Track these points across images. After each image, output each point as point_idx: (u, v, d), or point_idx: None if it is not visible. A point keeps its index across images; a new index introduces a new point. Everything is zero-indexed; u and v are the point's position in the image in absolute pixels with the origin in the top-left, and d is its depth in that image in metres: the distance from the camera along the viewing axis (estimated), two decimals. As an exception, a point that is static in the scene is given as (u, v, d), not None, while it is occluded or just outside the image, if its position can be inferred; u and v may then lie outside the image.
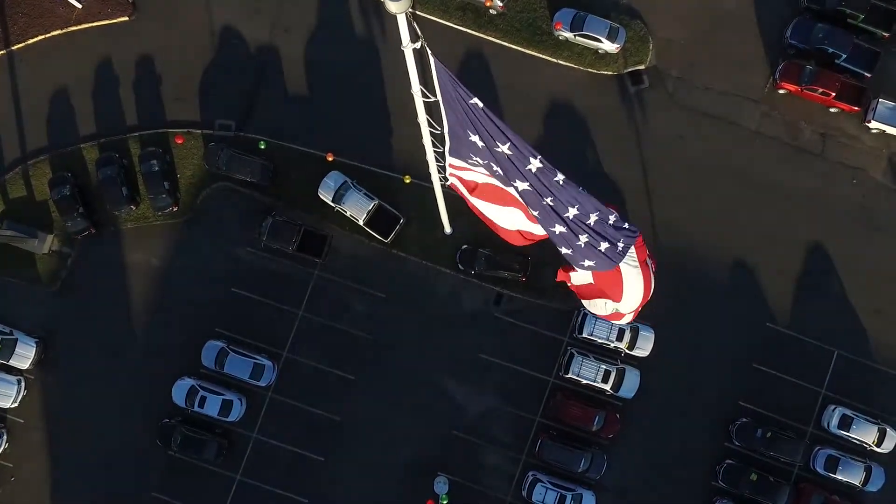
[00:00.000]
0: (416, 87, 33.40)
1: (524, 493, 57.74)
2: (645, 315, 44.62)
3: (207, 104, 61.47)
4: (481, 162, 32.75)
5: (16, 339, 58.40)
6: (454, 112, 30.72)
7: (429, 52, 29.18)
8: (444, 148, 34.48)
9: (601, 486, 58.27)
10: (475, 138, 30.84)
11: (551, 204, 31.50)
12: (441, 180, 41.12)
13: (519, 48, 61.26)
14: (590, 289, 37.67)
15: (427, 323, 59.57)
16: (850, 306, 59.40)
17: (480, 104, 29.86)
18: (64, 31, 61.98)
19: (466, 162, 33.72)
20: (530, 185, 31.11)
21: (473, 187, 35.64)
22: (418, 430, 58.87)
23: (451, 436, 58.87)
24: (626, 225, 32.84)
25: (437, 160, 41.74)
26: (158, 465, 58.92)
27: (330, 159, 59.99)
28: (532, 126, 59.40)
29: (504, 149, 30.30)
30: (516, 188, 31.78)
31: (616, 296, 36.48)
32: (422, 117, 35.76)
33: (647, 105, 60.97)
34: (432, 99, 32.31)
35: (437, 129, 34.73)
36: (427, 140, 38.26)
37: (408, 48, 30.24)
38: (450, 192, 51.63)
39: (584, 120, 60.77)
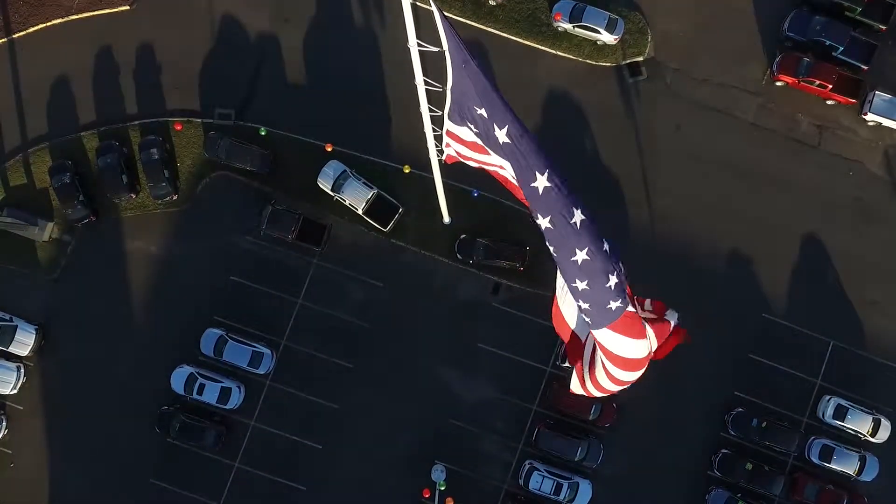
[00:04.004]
0: (412, 40, 32.17)
1: (521, 482, 58.07)
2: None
3: (207, 93, 61.63)
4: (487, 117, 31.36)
5: (15, 326, 58.56)
6: (457, 70, 29.64)
7: (434, 7, 28.07)
8: (443, 112, 32.92)
9: (598, 474, 58.59)
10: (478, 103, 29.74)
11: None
12: (438, 154, 40.45)
13: (518, 39, 61.50)
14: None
15: (425, 312, 59.83)
16: (846, 297, 59.73)
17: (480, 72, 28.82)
18: (65, 19, 62.12)
19: (466, 125, 32.62)
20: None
21: (472, 151, 34.33)
22: (416, 418, 59.14)
23: (449, 424, 59.15)
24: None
25: (435, 145, 41.86)
26: (157, 452, 59.13)
27: (329, 149, 60.21)
28: (530, 117, 59.58)
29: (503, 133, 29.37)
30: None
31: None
32: (419, 77, 34.40)
33: (645, 96, 61.23)
34: (434, 49, 30.96)
35: (437, 87, 33.31)
36: (424, 106, 36.67)
37: None
38: (449, 182, 52.20)
39: (582, 111, 61.04)
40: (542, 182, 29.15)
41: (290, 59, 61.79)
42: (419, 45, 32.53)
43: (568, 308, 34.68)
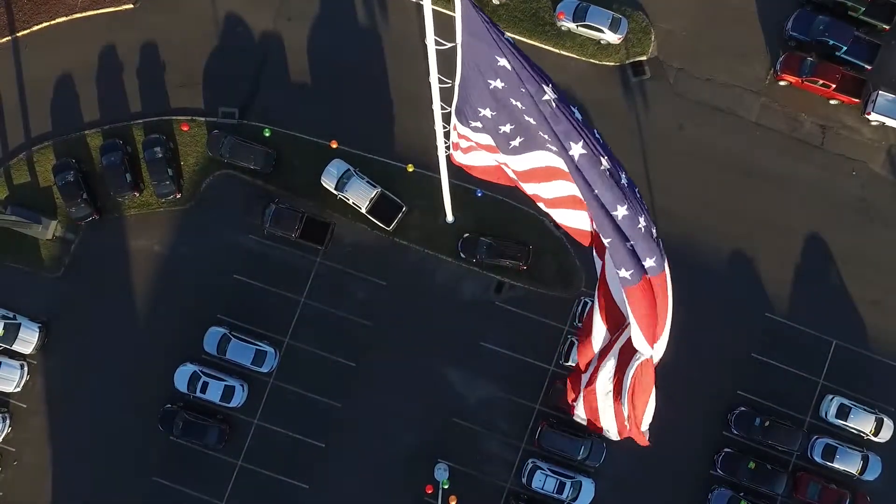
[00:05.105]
0: (430, 36, 31.60)
1: (524, 480, 58.11)
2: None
3: (211, 92, 61.76)
4: (490, 117, 30.77)
5: (19, 324, 58.68)
6: (475, 59, 28.59)
7: None
8: (451, 108, 32.60)
9: (600, 473, 58.66)
10: (497, 83, 28.76)
11: (608, 166, 28.80)
12: (446, 149, 40.36)
13: (521, 38, 61.49)
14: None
15: (428, 311, 59.89)
16: (849, 297, 59.79)
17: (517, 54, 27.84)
18: (69, 18, 62.27)
19: (469, 126, 32.46)
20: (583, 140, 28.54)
21: (473, 149, 34.09)
22: (419, 416, 59.19)
23: (452, 423, 59.19)
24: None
25: (444, 142, 41.95)
26: (160, 450, 59.21)
27: (334, 146, 60.27)
28: (534, 116, 59.69)
29: (549, 93, 28.58)
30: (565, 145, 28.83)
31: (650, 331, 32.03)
32: (433, 75, 34.10)
33: (649, 96, 61.33)
34: (448, 45, 30.40)
35: (447, 82, 33.06)
36: (437, 103, 36.60)
37: None
38: (453, 181, 52.16)
39: (585, 110, 60.88)
40: (577, 150, 28.55)
41: (292, 57, 61.87)
42: (437, 41, 32.11)
43: (595, 334, 34.84)
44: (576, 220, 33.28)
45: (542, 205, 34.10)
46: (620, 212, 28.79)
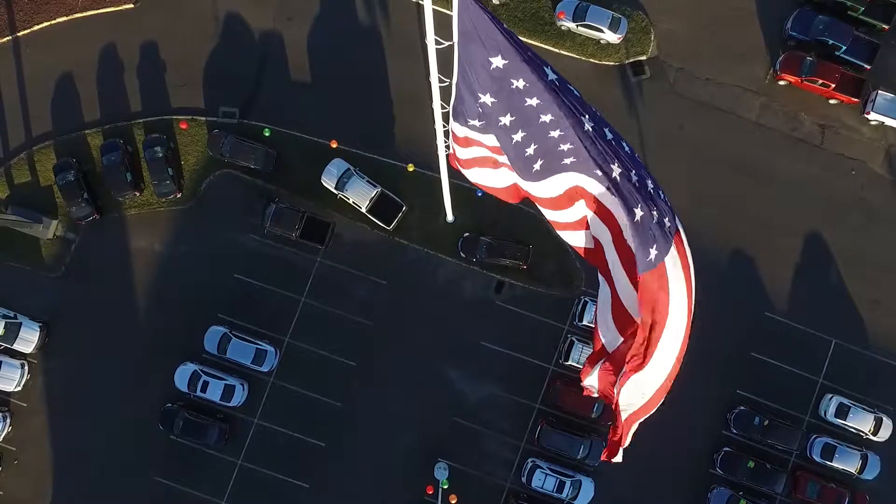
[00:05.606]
0: (430, 34, 31.41)
1: (524, 479, 58.20)
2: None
3: (211, 91, 61.78)
4: (484, 120, 30.27)
5: (20, 324, 58.71)
6: (471, 58, 28.04)
7: None
8: (450, 108, 32.69)
9: (600, 472, 58.71)
10: (486, 98, 28.41)
11: (611, 137, 28.56)
12: (446, 149, 40.30)
13: (521, 38, 61.30)
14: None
15: (428, 310, 59.95)
16: (848, 296, 59.87)
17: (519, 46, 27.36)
18: (69, 17, 62.30)
19: (467, 125, 32.27)
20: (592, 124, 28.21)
21: (471, 155, 33.40)
22: (418, 416, 59.27)
23: (452, 422, 59.28)
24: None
25: (444, 141, 41.98)
26: (160, 449, 59.26)
27: (334, 146, 60.34)
28: (534, 115, 59.71)
29: (551, 74, 27.98)
30: (574, 131, 28.14)
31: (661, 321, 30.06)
32: (434, 74, 34.06)
33: (649, 95, 61.37)
34: (447, 44, 30.07)
35: (447, 81, 32.53)
36: (437, 102, 36.49)
37: None
38: (453, 180, 52.20)
39: (585, 110, 61.03)
40: (588, 124, 28.43)
41: (293, 57, 61.91)
42: (437, 40, 31.95)
43: (601, 323, 34.67)
44: (585, 241, 33.45)
45: (554, 227, 34.14)
46: (633, 178, 29.01)
